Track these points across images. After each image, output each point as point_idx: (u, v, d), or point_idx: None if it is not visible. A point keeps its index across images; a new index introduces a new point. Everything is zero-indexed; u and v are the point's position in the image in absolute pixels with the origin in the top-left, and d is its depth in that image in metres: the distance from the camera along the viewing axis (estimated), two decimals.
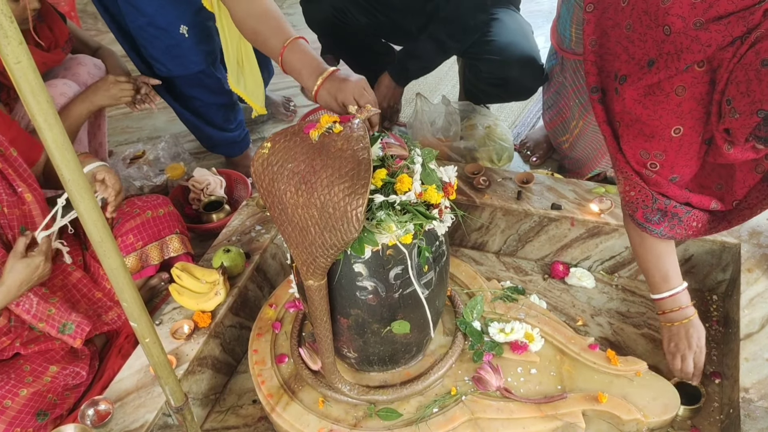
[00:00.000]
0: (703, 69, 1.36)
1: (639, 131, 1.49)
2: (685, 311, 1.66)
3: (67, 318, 1.72)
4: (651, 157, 1.50)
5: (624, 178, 1.58)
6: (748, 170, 1.54)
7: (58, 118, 0.89)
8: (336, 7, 2.34)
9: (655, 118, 1.45)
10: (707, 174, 1.59)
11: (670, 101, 1.42)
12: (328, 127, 1.24)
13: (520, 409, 1.52)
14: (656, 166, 1.51)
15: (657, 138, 1.47)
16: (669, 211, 1.58)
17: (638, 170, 1.54)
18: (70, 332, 1.72)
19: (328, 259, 1.25)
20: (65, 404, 1.73)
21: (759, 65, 1.25)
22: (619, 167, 1.59)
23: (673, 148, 1.48)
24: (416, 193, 1.28)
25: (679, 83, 1.39)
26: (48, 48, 2.15)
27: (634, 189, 1.56)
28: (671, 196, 1.56)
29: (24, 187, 1.71)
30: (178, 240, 1.97)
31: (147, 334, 1.16)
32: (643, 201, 1.57)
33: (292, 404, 1.57)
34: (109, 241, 1.02)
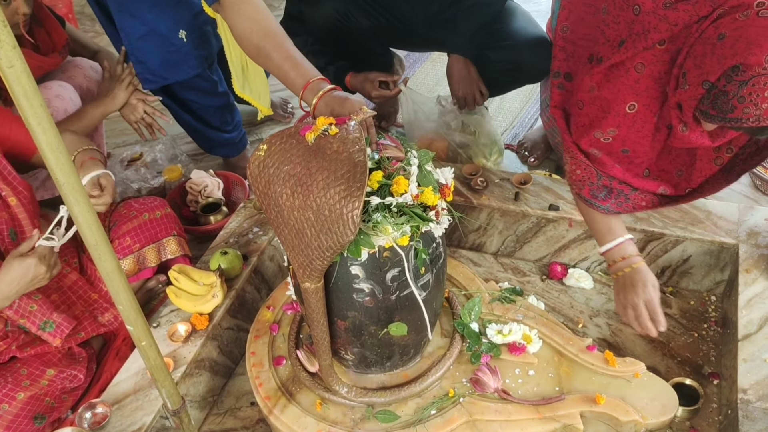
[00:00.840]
0: (663, 47, 1.39)
1: (598, 107, 1.51)
2: (631, 260, 1.66)
3: (49, 316, 1.71)
4: (605, 135, 1.53)
5: (570, 157, 1.60)
6: (708, 161, 1.58)
7: (52, 121, 0.89)
8: (338, 10, 2.34)
9: (613, 92, 1.48)
10: (671, 159, 1.61)
11: (629, 77, 1.45)
12: (324, 130, 1.24)
13: (518, 411, 1.51)
14: (609, 140, 1.54)
15: (612, 114, 1.50)
16: (615, 188, 1.61)
17: (585, 149, 1.57)
18: (50, 330, 1.71)
19: (325, 262, 1.25)
20: (62, 407, 1.72)
21: (716, 39, 1.27)
22: (566, 147, 1.61)
23: (626, 124, 1.50)
24: (413, 195, 1.28)
25: (639, 60, 1.42)
26: (45, 52, 2.15)
27: (580, 167, 1.59)
28: (614, 175, 1.60)
29: (8, 191, 1.69)
30: (176, 242, 1.97)
31: (143, 337, 1.16)
32: (588, 178, 1.60)
33: (290, 406, 1.56)
34: (104, 245, 1.02)
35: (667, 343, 1.84)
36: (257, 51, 1.62)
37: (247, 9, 1.61)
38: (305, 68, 1.54)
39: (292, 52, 1.58)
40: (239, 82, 2.21)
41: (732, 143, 1.54)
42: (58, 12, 2.80)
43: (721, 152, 1.55)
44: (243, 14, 1.61)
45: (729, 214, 1.93)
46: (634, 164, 1.61)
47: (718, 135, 1.46)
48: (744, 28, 1.23)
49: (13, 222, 1.72)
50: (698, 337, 1.85)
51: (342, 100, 1.41)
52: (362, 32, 2.41)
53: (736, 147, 1.55)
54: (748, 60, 1.21)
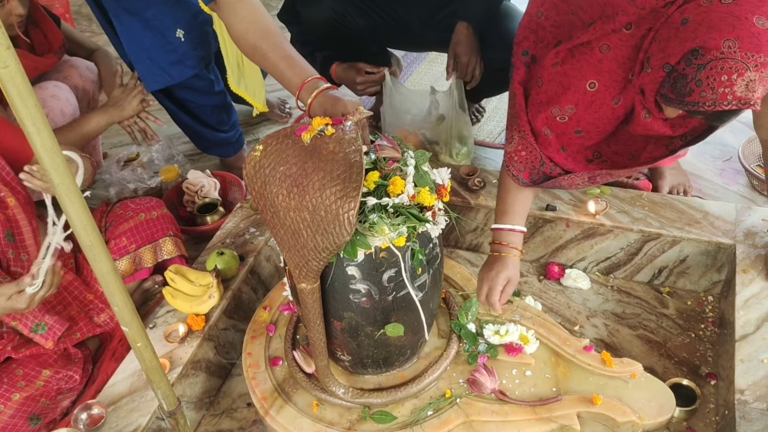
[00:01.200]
0: (629, 32, 1.40)
1: (559, 84, 1.53)
2: (509, 249, 1.70)
3: (41, 318, 1.71)
4: (562, 112, 1.54)
5: (520, 137, 1.62)
6: (661, 145, 1.60)
7: (47, 122, 0.89)
8: (335, 9, 2.33)
9: (575, 68, 1.50)
10: (626, 144, 1.63)
11: (592, 55, 1.47)
12: (320, 130, 1.24)
13: (515, 412, 1.51)
14: (565, 119, 1.55)
15: (572, 90, 1.51)
16: (552, 177, 1.64)
17: (539, 128, 1.58)
18: (42, 332, 1.70)
19: (321, 263, 1.25)
20: (58, 408, 1.72)
21: (680, 23, 1.29)
22: (518, 126, 1.62)
23: (584, 102, 1.52)
24: (409, 195, 1.27)
25: (605, 42, 1.44)
26: (41, 53, 2.14)
27: (526, 149, 1.61)
28: (557, 163, 1.62)
29: (6, 191, 1.69)
30: (172, 243, 1.97)
31: (138, 338, 1.16)
32: (531, 162, 1.62)
33: (286, 407, 1.56)
34: (99, 245, 1.02)
35: (664, 343, 1.83)
36: (254, 50, 1.62)
37: (243, 9, 1.61)
38: (302, 67, 1.54)
39: (288, 51, 1.58)
40: (234, 78, 2.21)
41: (689, 133, 1.56)
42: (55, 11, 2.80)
43: (676, 139, 1.58)
44: (239, 14, 1.61)
45: (726, 214, 1.93)
46: (584, 147, 1.63)
47: (679, 125, 1.48)
48: (707, 13, 1.25)
49: (9, 224, 1.72)
50: (695, 337, 1.84)
51: (335, 101, 1.41)
52: (359, 32, 2.41)
53: (691, 136, 1.58)
54: (708, 44, 1.22)
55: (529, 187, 1.72)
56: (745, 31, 1.21)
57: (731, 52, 1.21)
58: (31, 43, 2.12)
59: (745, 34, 1.21)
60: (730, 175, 2.44)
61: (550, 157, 1.62)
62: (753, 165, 2.34)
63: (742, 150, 2.37)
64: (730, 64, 1.22)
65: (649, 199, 2.01)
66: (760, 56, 1.21)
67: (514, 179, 1.67)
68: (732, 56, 1.21)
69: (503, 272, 1.68)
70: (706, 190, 2.38)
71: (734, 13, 1.22)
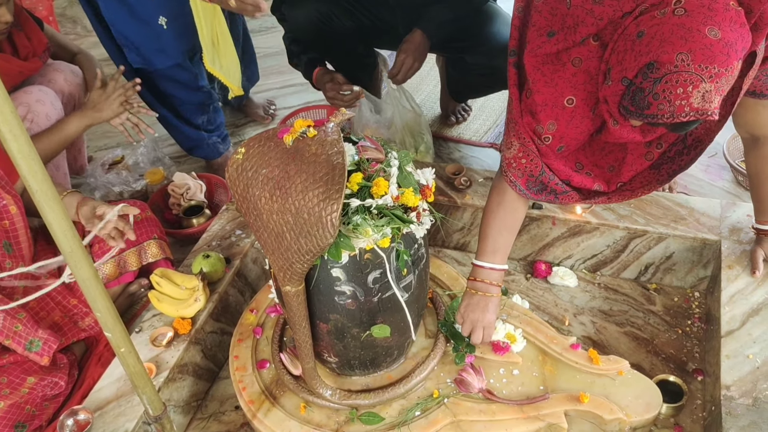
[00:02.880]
0: (597, 43, 1.41)
1: (533, 101, 1.53)
2: (493, 289, 1.67)
3: (34, 334, 1.69)
4: (545, 131, 1.54)
5: (520, 144, 1.59)
6: (639, 155, 1.60)
7: (23, 128, 0.87)
8: (320, 11, 2.32)
9: (551, 86, 1.49)
10: (604, 155, 1.63)
11: (566, 70, 1.47)
12: (302, 132, 1.23)
13: (503, 411, 1.51)
14: (549, 140, 1.55)
15: (550, 106, 1.51)
16: (549, 187, 1.62)
17: (533, 138, 1.57)
18: (36, 350, 1.69)
19: (305, 265, 1.24)
20: (44, 415, 1.71)
21: (635, 36, 1.29)
22: (517, 132, 1.60)
23: (564, 118, 1.51)
24: (393, 196, 1.27)
25: (576, 55, 1.44)
26: (25, 57, 2.12)
27: (527, 157, 1.58)
28: (555, 171, 1.60)
29: (8, 199, 1.68)
30: (156, 245, 1.96)
31: (122, 343, 1.15)
32: (530, 171, 1.59)
33: (274, 410, 1.56)
34: (80, 251, 1.01)
35: (652, 340, 1.84)
36: None
37: None
38: None
39: None
40: (209, 57, 2.23)
41: (662, 138, 1.57)
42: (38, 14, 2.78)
43: (652, 147, 1.59)
44: None
45: (711, 210, 1.94)
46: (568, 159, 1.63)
47: (648, 131, 1.49)
48: (660, 25, 1.25)
49: (7, 234, 1.71)
50: (682, 333, 1.85)
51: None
52: (345, 33, 2.40)
53: (665, 143, 1.58)
54: (661, 58, 1.23)
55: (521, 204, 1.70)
56: (697, 43, 1.21)
57: (685, 65, 1.22)
58: (14, 47, 2.11)
59: (698, 46, 1.21)
60: (715, 171, 2.45)
61: (549, 165, 1.60)
62: (737, 161, 2.35)
63: (727, 146, 2.38)
64: (685, 77, 1.22)
65: None
66: (714, 67, 1.22)
67: (511, 185, 1.65)
68: (686, 69, 1.22)
69: (494, 314, 1.66)
70: (692, 186, 2.39)
71: (686, 26, 1.22)
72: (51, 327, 1.76)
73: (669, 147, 1.58)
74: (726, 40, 1.22)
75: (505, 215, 1.68)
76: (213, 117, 2.55)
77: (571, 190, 1.65)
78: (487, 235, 1.69)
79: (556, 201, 1.68)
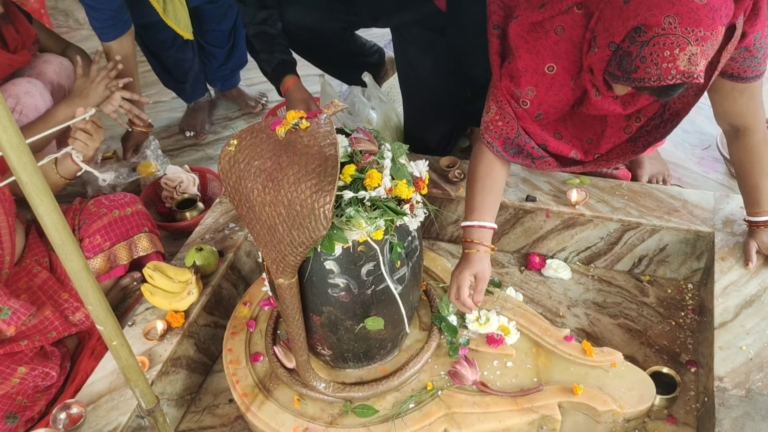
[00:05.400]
0: (581, 12, 1.45)
1: (515, 66, 1.56)
2: (478, 246, 1.68)
3: (5, 303, 1.68)
4: (523, 95, 1.58)
5: (498, 107, 1.64)
6: (618, 129, 1.65)
7: (12, 119, 0.87)
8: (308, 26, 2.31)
9: (533, 53, 1.53)
10: (584, 128, 1.67)
11: (548, 38, 1.51)
12: (294, 124, 1.23)
13: (497, 403, 1.51)
14: (527, 104, 1.59)
15: (531, 72, 1.55)
16: (526, 150, 1.67)
17: (510, 101, 1.61)
18: (5, 317, 1.68)
19: (298, 257, 1.24)
20: (36, 407, 1.70)
21: (622, 2, 1.34)
22: (495, 96, 1.65)
23: (544, 85, 1.56)
24: (386, 188, 1.26)
25: (559, 23, 1.48)
26: (14, 49, 2.11)
27: (503, 119, 1.63)
28: (531, 134, 1.65)
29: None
30: (147, 239, 1.95)
31: (114, 336, 1.14)
32: (507, 133, 1.64)
33: (267, 403, 1.55)
34: (71, 243, 1.00)
35: (645, 331, 1.84)
36: None
37: None
38: None
39: None
40: (160, 6, 2.36)
41: (641, 112, 1.62)
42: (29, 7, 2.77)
43: (631, 121, 1.64)
44: None
45: (705, 202, 1.94)
46: (548, 129, 1.67)
47: (629, 102, 1.53)
48: None
49: None
50: (675, 325, 1.85)
51: None
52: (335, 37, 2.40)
53: (644, 117, 1.63)
54: (649, 21, 1.27)
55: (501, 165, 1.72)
56: (684, 6, 1.26)
57: (672, 28, 1.26)
58: (3, 40, 2.09)
59: (685, 9, 1.26)
60: (708, 163, 2.46)
61: (525, 128, 1.64)
62: None
63: (721, 139, 2.39)
64: (672, 40, 1.27)
65: (629, 189, 2.01)
66: (700, 30, 1.26)
67: (488, 146, 1.69)
68: (673, 32, 1.26)
69: (468, 269, 1.65)
70: (685, 178, 2.39)
71: None
72: (42, 321, 1.75)
73: (647, 121, 1.64)
74: (711, 5, 1.27)
75: (486, 176, 1.71)
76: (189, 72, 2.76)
77: (547, 156, 1.69)
78: (472, 197, 1.72)
79: (533, 166, 1.72)
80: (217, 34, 2.70)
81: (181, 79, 2.80)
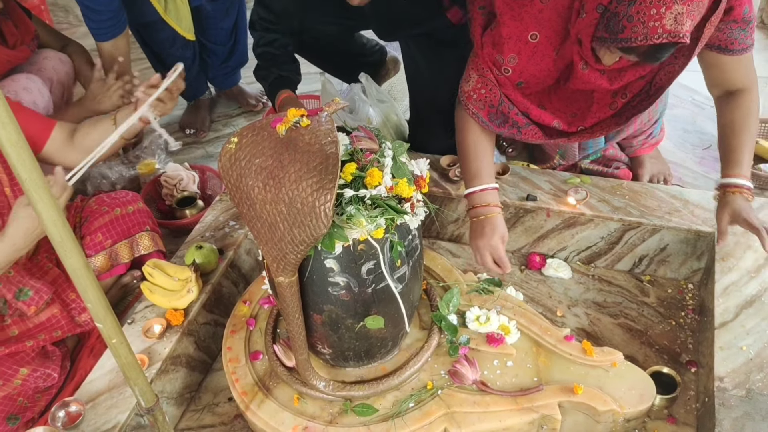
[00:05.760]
0: None
1: (498, 33, 1.59)
2: (489, 209, 1.71)
3: (25, 283, 1.69)
4: (505, 62, 1.61)
5: (479, 75, 1.67)
6: (604, 105, 1.69)
7: (12, 116, 0.86)
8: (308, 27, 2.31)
9: (517, 20, 1.56)
10: (569, 103, 1.71)
11: (533, 6, 1.54)
12: (295, 121, 1.22)
13: (497, 402, 1.51)
14: (509, 72, 1.62)
15: (514, 39, 1.58)
16: (510, 118, 1.69)
17: (492, 68, 1.64)
18: (25, 299, 1.68)
19: (298, 255, 1.23)
20: (36, 407, 1.70)
21: None
22: (475, 64, 1.68)
23: (526, 53, 1.59)
24: (387, 187, 1.26)
25: None
26: (13, 45, 2.11)
27: (486, 87, 1.66)
28: (514, 101, 1.67)
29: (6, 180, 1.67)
30: (149, 237, 1.94)
31: (113, 334, 1.14)
32: (490, 100, 1.67)
33: (267, 402, 1.55)
34: (70, 241, 1.00)
35: (645, 331, 1.84)
36: None
37: None
38: None
39: None
40: (161, 6, 2.35)
41: (627, 88, 1.65)
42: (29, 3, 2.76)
43: (617, 98, 1.67)
44: None
45: (705, 202, 1.94)
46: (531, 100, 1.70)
47: (615, 78, 1.56)
48: None
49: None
50: (676, 325, 1.85)
51: None
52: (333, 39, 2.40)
53: (630, 93, 1.66)
54: None
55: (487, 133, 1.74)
56: None
57: None
58: (2, 36, 2.09)
59: None
60: (709, 163, 2.45)
61: (507, 95, 1.66)
62: None
63: None
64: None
65: (630, 188, 2.01)
66: None
67: (473, 116, 1.71)
68: None
69: (495, 233, 1.69)
70: (686, 178, 2.39)
71: None
72: (49, 319, 1.75)
73: (633, 97, 1.67)
74: None
75: (476, 144, 1.75)
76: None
77: (532, 124, 1.72)
78: (468, 165, 1.75)
79: (519, 135, 1.74)
80: (218, 32, 2.70)
81: None
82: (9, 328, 1.71)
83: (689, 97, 2.71)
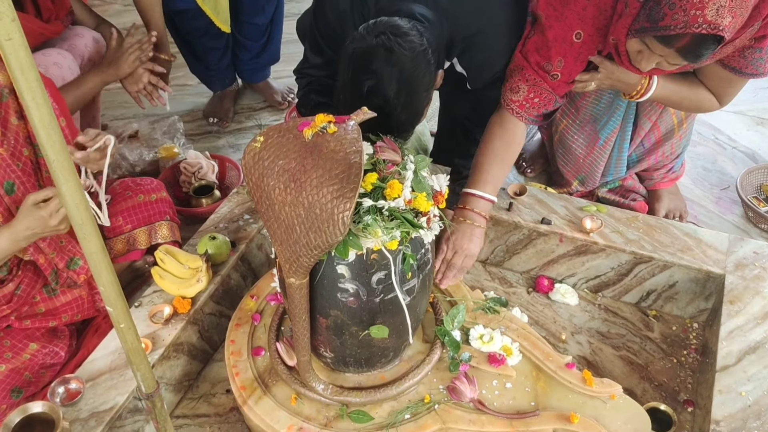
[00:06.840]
0: None
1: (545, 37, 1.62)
2: (480, 219, 1.75)
3: (76, 252, 1.71)
4: (553, 68, 1.65)
5: (529, 85, 1.70)
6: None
7: (46, 97, 0.88)
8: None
9: (561, 20, 1.59)
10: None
11: (577, 4, 1.56)
12: (322, 127, 1.23)
13: (492, 423, 1.51)
14: (557, 77, 1.66)
15: (560, 42, 1.61)
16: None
17: (546, 77, 1.68)
18: (75, 267, 1.71)
19: (312, 259, 1.24)
20: (40, 383, 1.71)
21: None
22: (523, 76, 1.71)
23: (572, 55, 1.62)
24: (405, 200, 1.27)
25: None
26: (47, 19, 2.12)
27: (540, 95, 1.71)
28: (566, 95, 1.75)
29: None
30: (168, 227, 1.95)
31: (122, 319, 1.15)
32: (545, 107, 1.72)
33: (265, 398, 1.56)
34: (90, 224, 1.01)
35: (646, 366, 1.84)
36: None
37: None
38: None
39: None
40: None
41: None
42: None
43: None
44: None
45: (719, 243, 1.94)
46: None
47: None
48: None
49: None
50: (677, 363, 1.85)
51: None
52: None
53: None
54: None
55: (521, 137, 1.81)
56: None
57: None
58: (38, 9, 2.10)
59: None
60: (726, 204, 2.45)
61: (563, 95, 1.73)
62: (750, 196, 2.35)
63: (741, 181, 2.38)
64: None
65: (645, 222, 2.01)
66: None
67: (526, 122, 1.77)
68: None
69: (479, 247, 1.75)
70: (702, 216, 2.38)
71: None
72: (77, 299, 1.77)
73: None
74: None
75: (501, 147, 1.78)
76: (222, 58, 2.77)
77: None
78: (482, 166, 1.77)
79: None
80: (252, 27, 2.71)
81: (209, 67, 2.81)
82: (37, 305, 1.73)
83: (712, 135, 2.70)
